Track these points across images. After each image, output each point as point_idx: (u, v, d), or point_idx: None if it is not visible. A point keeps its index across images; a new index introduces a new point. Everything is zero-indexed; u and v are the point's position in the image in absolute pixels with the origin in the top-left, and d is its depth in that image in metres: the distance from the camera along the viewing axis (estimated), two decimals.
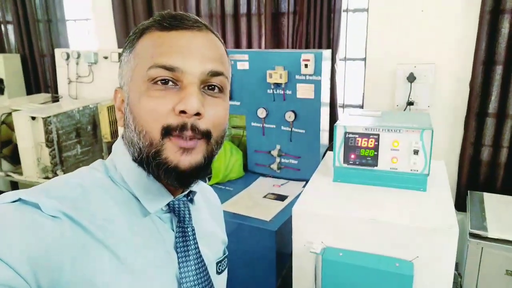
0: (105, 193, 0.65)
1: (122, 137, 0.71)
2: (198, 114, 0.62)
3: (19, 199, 0.57)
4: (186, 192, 0.73)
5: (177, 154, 0.62)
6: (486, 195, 2.32)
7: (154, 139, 0.62)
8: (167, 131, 0.61)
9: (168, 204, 0.70)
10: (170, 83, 0.62)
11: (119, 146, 0.71)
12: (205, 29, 0.67)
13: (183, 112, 0.61)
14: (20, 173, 2.93)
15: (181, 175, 0.63)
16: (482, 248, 1.94)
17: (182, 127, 0.61)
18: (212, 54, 0.65)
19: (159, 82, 0.62)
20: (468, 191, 2.40)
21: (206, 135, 0.64)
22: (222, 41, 0.71)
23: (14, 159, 3.03)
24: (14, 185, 3.38)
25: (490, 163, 2.43)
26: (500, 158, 2.39)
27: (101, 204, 0.64)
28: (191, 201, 0.75)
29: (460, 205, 2.45)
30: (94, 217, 0.61)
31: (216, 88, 0.66)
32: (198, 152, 0.64)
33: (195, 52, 0.63)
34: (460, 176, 2.51)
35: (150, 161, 0.63)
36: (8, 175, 3.02)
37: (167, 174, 0.62)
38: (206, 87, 0.65)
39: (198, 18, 0.67)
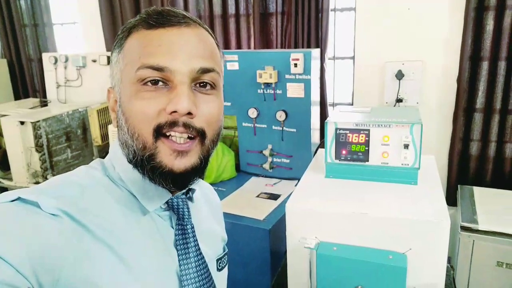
0: (104, 192, 0.65)
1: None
2: (190, 113, 0.61)
3: (19, 198, 0.56)
4: (185, 190, 0.72)
5: (171, 157, 0.61)
6: (476, 189, 2.35)
7: (147, 142, 0.61)
8: (158, 131, 0.61)
9: (167, 202, 0.70)
10: (160, 83, 0.61)
11: (116, 146, 0.70)
12: (194, 24, 0.65)
13: (174, 112, 0.60)
14: (10, 179, 2.89)
15: (177, 178, 0.62)
16: (473, 240, 1.97)
17: (173, 123, 0.60)
18: (202, 51, 0.64)
19: (149, 83, 0.61)
20: (458, 186, 2.43)
21: (200, 133, 0.63)
22: (213, 35, 0.70)
23: (4, 165, 2.99)
24: (4, 191, 3.33)
25: (479, 157, 2.47)
26: (488, 152, 2.43)
27: (101, 202, 0.63)
28: (190, 199, 0.75)
29: (451, 199, 2.48)
30: (93, 216, 0.60)
31: (208, 85, 0.65)
32: (193, 154, 0.63)
33: (183, 49, 0.62)
34: (450, 171, 2.54)
35: (144, 164, 0.62)
36: None
37: (162, 177, 0.62)
38: (197, 85, 0.64)
39: (186, 13, 0.65)
